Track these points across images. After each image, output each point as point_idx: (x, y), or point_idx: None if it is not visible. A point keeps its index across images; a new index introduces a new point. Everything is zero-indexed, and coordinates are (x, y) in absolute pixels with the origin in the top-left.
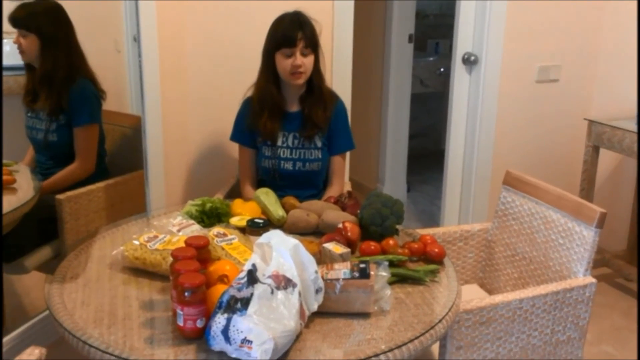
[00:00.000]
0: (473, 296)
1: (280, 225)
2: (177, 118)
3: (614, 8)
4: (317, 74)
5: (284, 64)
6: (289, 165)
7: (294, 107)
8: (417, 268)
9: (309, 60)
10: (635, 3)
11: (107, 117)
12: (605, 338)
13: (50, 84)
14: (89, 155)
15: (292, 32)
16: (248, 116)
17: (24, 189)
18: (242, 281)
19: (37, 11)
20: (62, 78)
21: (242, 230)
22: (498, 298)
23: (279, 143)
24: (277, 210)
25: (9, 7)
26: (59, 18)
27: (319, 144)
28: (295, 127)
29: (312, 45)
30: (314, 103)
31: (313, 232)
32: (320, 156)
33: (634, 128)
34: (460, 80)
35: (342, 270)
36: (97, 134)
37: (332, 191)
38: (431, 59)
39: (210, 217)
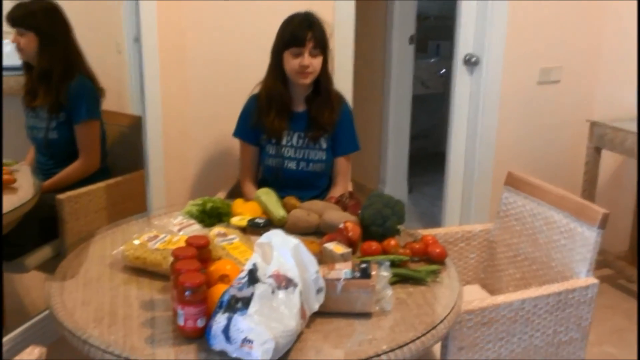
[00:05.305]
0: (475, 297)
1: (281, 225)
2: (178, 118)
3: (615, 9)
4: (324, 75)
5: (292, 63)
6: (292, 165)
7: (300, 107)
8: (418, 268)
9: (317, 61)
10: (635, 4)
11: (108, 117)
12: (607, 339)
13: (49, 81)
14: (93, 151)
15: (301, 31)
16: (254, 113)
17: (24, 188)
18: (243, 281)
19: (35, 10)
20: (59, 74)
21: (242, 230)
22: (500, 299)
23: (284, 142)
24: (278, 210)
25: (7, 7)
26: (56, 16)
27: (324, 145)
28: (300, 127)
29: (321, 46)
30: (321, 105)
31: (314, 232)
32: (324, 157)
33: (635, 129)
34: (461, 82)
35: (343, 270)
36: (99, 130)
37: (335, 192)
38: (432, 60)
39: (211, 216)
